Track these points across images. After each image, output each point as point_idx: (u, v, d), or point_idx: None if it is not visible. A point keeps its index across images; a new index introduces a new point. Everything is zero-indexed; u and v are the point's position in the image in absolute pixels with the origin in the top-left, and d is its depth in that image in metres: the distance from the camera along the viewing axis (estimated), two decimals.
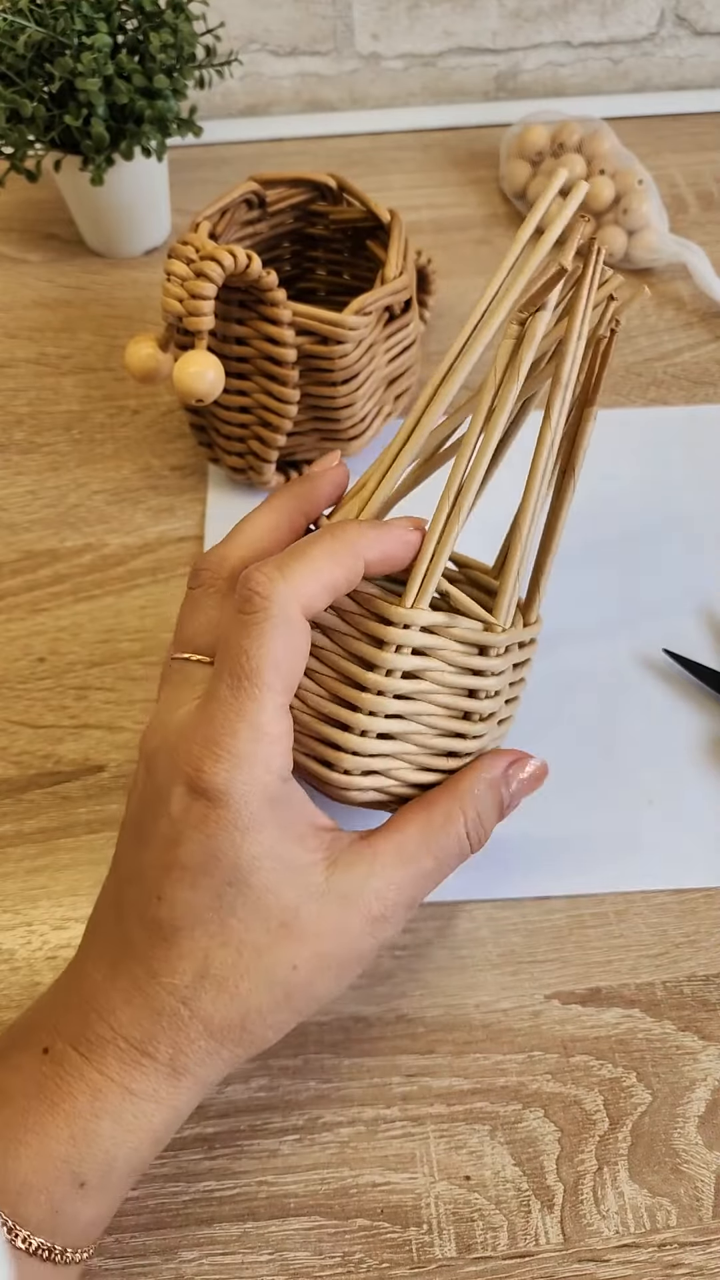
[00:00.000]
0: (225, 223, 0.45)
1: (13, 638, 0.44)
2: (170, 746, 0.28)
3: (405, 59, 0.68)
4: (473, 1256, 0.30)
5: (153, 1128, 0.27)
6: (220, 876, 0.27)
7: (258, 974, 0.27)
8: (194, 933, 0.27)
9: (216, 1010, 0.27)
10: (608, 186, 0.57)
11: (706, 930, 0.36)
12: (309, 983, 0.28)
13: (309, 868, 0.28)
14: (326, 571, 0.28)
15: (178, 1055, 0.27)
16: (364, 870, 0.29)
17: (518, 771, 0.33)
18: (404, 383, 0.48)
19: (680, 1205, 0.31)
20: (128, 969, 0.28)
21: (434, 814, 0.31)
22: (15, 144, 0.51)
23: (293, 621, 0.28)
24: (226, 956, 0.27)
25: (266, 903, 0.27)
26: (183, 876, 0.27)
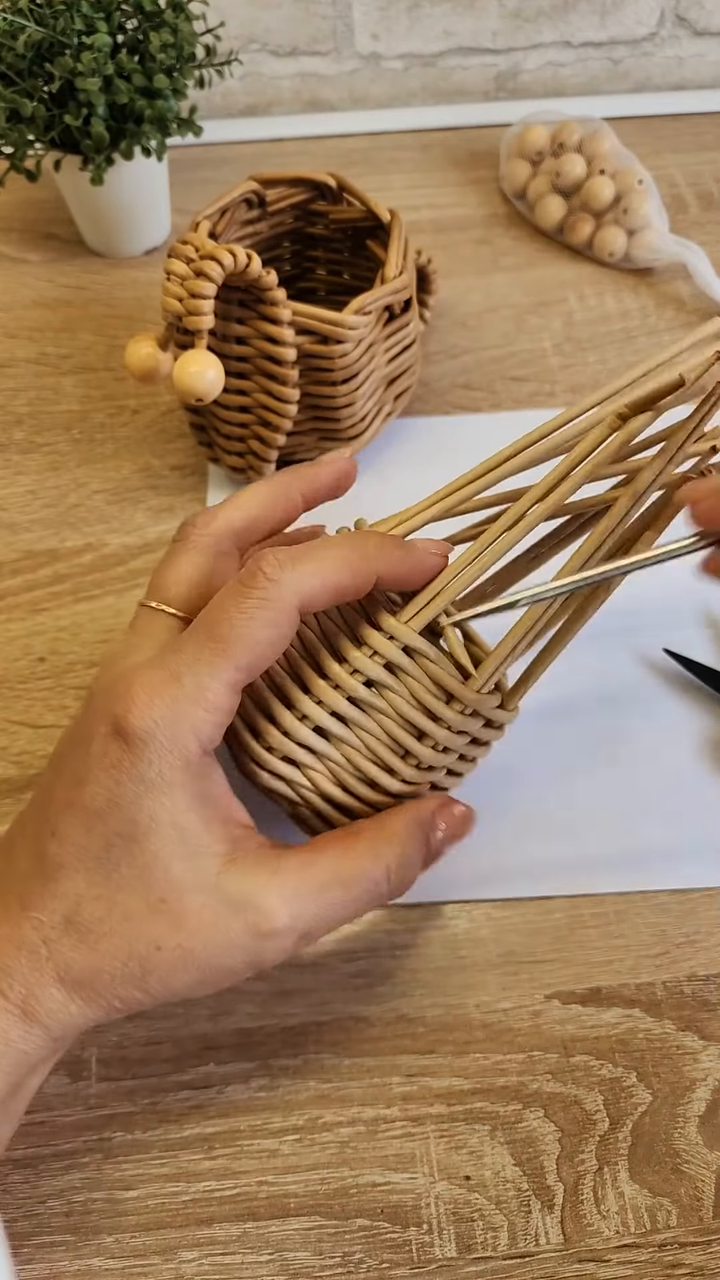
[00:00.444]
0: (225, 222, 0.45)
1: (13, 638, 0.44)
2: (112, 687, 0.28)
3: (405, 59, 0.68)
4: (473, 1256, 0.30)
5: (3, 1069, 0.26)
6: (114, 825, 0.27)
7: (119, 939, 0.27)
8: (74, 876, 0.27)
9: (73, 961, 0.27)
10: (608, 186, 0.57)
11: (706, 930, 0.36)
12: (168, 971, 0.27)
13: (206, 854, 0.27)
14: (334, 576, 0.28)
15: (29, 998, 0.27)
16: (261, 880, 0.28)
17: (445, 815, 0.31)
18: (404, 382, 0.48)
19: (681, 1205, 0.31)
20: (3, 897, 0.28)
21: (356, 846, 0.29)
22: (15, 144, 0.51)
23: (285, 613, 0.28)
24: (97, 910, 0.27)
25: (153, 871, 0.27)
26: (80, 816, 0.27)
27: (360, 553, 0.29)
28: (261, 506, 0.32)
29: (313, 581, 0.28)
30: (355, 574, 0.29)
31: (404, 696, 0.30)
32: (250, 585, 0.28)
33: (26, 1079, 0.28)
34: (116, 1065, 0.34)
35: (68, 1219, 0.31)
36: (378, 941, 0.36)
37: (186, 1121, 0.33)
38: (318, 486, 0.33)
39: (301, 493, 0.32)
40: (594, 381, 0.52)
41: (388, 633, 0.30)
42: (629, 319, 0.55)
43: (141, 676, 0.27)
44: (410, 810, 0.31)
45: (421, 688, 0.30)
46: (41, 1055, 0.27)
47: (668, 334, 0.55)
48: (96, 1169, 0.32)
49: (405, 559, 0.30)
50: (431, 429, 0.51)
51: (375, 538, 0.30)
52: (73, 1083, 0.33)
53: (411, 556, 0.30)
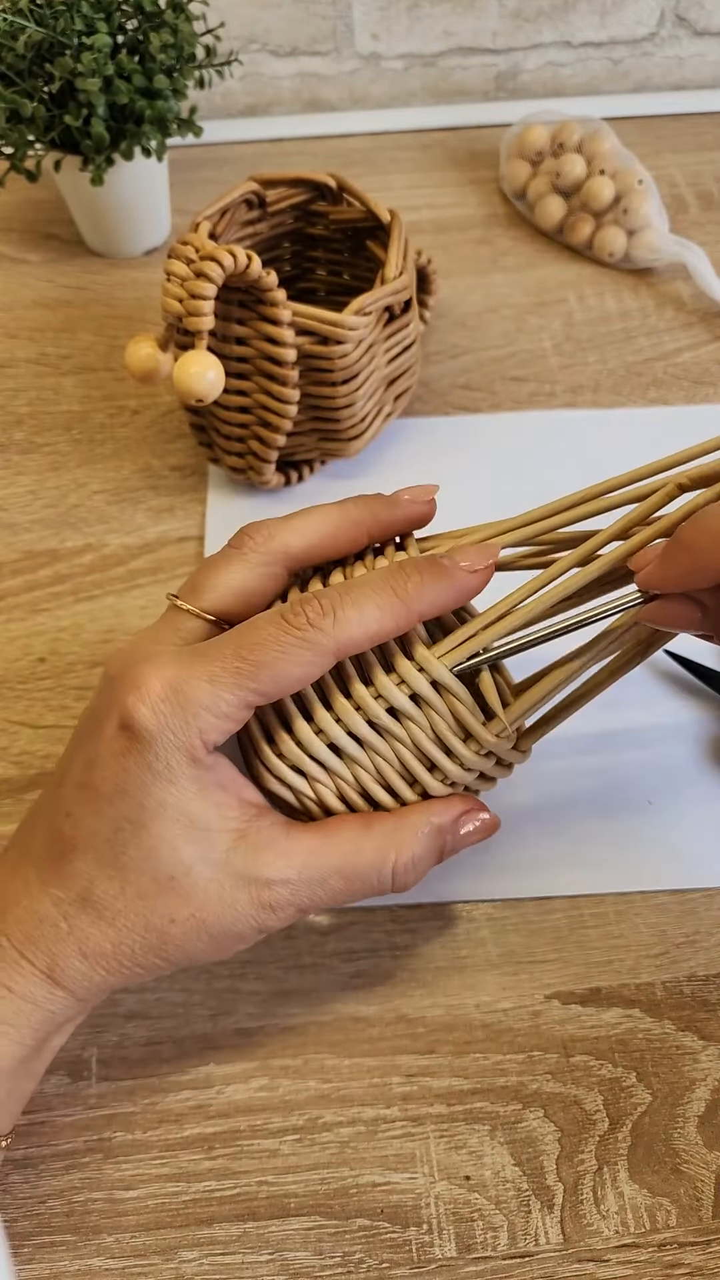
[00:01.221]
0: (225, 223, 0.45)
1: (13, 638, 0.44)
2: (129, 674, 0.28)
3: (405, 59, 0.68)
4: (473, 1256, 0.30)
5: (31, 1025, 0.28)
6: (123, 810, 0.28)
7: (135, 915, 0.28)
8: (87, 856, 0.28)
9: (92, 934, 0.28)
10: (608, 187, 0.57)
11: (706, 930, 0.36)
12: (184, 939, 0.29)
13: (216, 833, 0.28)
14: (376, 625, 0.29)
15: (54, 966, 0.28)
16: (270, 856, 0.29)
17: (467, 822, 0.31)
18: (404, 383, 0.48)
19: (680, 1205, 0.31)
20: (24, 872, 0.29)
21: (367, 839, 0.30)
22: (15, 144, 0.51)
23: (322, 657, 0.28)
24: (110, 888, 0.28)
25: (160, 852, 0.28)
26: (92, 800, 0.28)
27: (402, 597, 0.29)
28: (323, 536, 0.31)
29: (354, 631, 0.28)
30: (397, 620, 0.29)
31: (423, 729, 0.30)
32: (294, 624, 0.28)
33: (51, 1037, 0.29)
34: (117, 1065, 0.34)
35: (68, 1219, 0.31)
36: (378, 941, 0.36)
37: (187, 1121, 0.33)
38: (389, 525, 0.32)
39: (370, 531, 0.32)
40: (594, 382, 0.53)
41: (418, 664, 0.30)
42: (629, 319, 0.55)
43: (160, 671, 0.28)
44: (430, 812, 0.31)
45: (443, 723, 0.30)
46: (68, 1015, 0.29)
47: (668, 334, 0.55)
48: (97, 1169, 0.32)
49: (446, 593, 0.30)
50: (431, 429, 0.51)
51: (416, 575, 0.29)
52: (73, 1083, 0.33)
53: (453, 590, 0.30)
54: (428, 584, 0.29)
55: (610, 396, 0.52)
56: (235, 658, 0.28)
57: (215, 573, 0.31)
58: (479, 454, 0.50)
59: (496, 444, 0.50)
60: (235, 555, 0.31)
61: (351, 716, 0.30)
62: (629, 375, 0.53)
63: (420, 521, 0.33)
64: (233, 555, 0.31)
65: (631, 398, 0.52)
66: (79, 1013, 0.30)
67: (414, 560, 0.30)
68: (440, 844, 0.31)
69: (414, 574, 0.29)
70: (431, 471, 0.49)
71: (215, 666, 0.28)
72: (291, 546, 0.31)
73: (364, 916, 0.36)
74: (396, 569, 0.30)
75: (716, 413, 0.51)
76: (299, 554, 0.31)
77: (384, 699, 0.30)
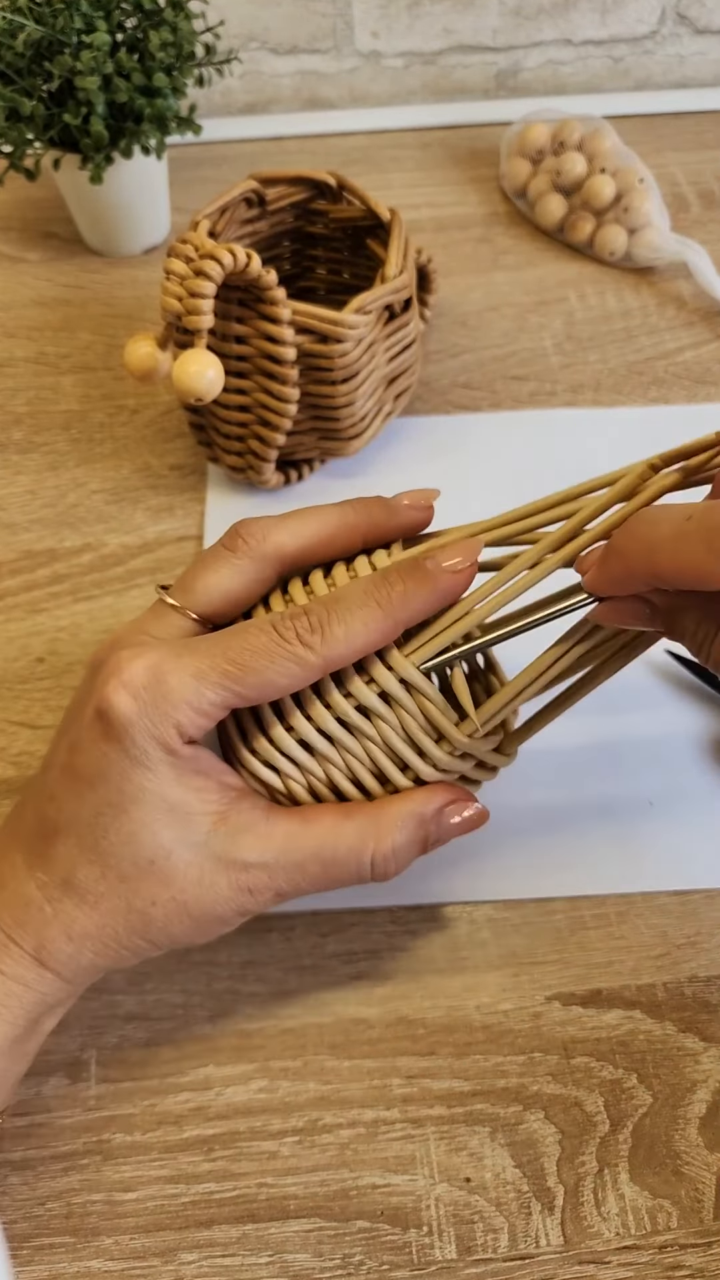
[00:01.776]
0: (225, 221, 0.45)
1: (11, 638, 0.44)
2: (113, 663, 0.29)
3: (405, 57, 0.68)
4: (473, 1258, 0.30)
5: (23, 1006, 0.28)
6: (103, 796, 0.28)
7: (118, 898, 0.28)
8: (69, 840, 0.28)
9: (76, 917, 0.28)
10: (609, 185, 0.56)
11: (708, 931, 0.36)
12: (166, 922, 0.29)
13: (197, 816, 0.29)
14: (362, 640, 0.29)
15: (41, 949, 0.28)
16: (249, 839, 0.29)
17: (453, 812, 0.31)
18: (404, 382, 0.48)
19: (681, 1207, 0.31)
20: (11, 856, 0.29)
21: (346, 825, 0.30)
22: (14, 142, 0.51)
23: (309, 671, 0.29)
24: (92, 872, 0.28)
25: (141, 837, 0.28)
26: (74, 784, 0.29)
27: (388, 610, 0.29)
28: (319, 541, 0.31)
29: (341, 649, 0.29)
30: (383, 633, 0.29)
31: (394, 728, 0.30)
32: (285, 638, 0.29)
33: (43, 1019, 0.30)
34: (116, 1067, 0.34)
35: (67, 1221, 0.31)
36: (378, 943, 0.36)
37: (186, 1123, 0.33)
38: (386, 531, 0.32)
39: (365, 537, 0.32)
40: (595, 381, 0.52)
41: (389, 664, 0.30)
42: (630, 318, 0.55)
43: (144, 658, 0.28)
44: (412, 802, 0.31)
45: (414, 723, 0.30)
46: (59, 997, 0.29)
47: (668, 333, 0.54)
48: (96, 1171, 0.32)
49: (430, 598, 0.30)
50: (431, 429, 0.50)
51: (400, 584, 0.29)
52: (72, 1084, 0.33)
53: (437, 594, 0.30)
54: (412, 591, 0.29)
55: (611, 395, 0.52)
56: (224, 659, 0.28)
57: (207, 574, 0.31)
58: (479, 453, 0.50)
59: (496, 443, 0.50)
60: (228, 557, 0.31)
61: (321, 714, 0.30)
62: (630, 374, 0.53)
63: (417, 528, 0.33)
64: (225, 557, 0.31)
65: (632, 397, 0.52)
66: (69, 994, 0.30)
67: (398, 567, 0.30)
68: (423, 834, 0.31)
69: (398, 582, 0.30)
70: (431, 471, 0.49)
71: (203, 664, 0.28)
72: (285, 549, 0.31)
73: (364, 918, 0.36)
74: (381, 578, 0.30)
75: (717, 412, 0.51)
76: (292, 557, 0.31)
77: (354, 697, 0.30)
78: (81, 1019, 0.34)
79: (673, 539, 0.26)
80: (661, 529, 0.26)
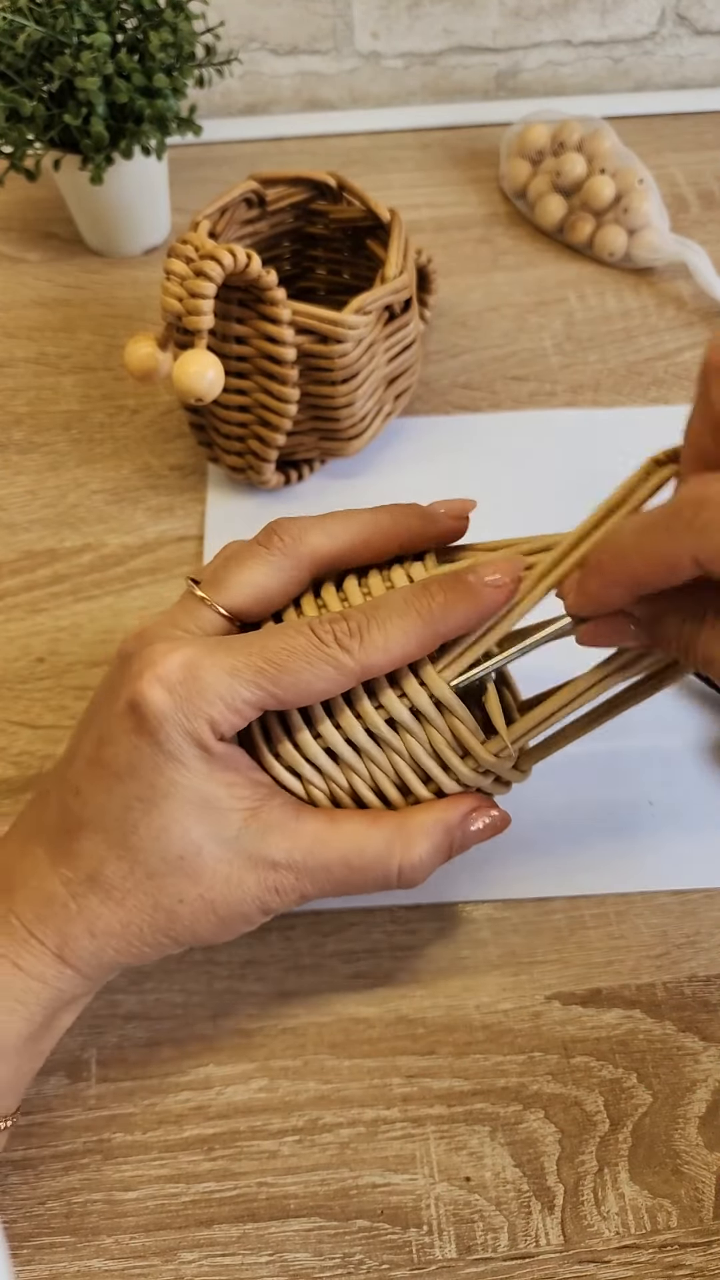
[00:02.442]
0: (225, 222, 0.45)
1: (12, 638, 0.44)
2: (145, 653, 0.29)
3: (405, 58, 0.68)
4: (473, 1258, 0.30)
5: (41, 1003, 0.28)
6: (134, 789, 0.28)
7: (144, 895, 0.28)
8: (95, 836, 0.28)
9: (101, 914, 0.28)
10: (608, 186, 0.57)
11: (707, 931, 0.36)
12: (192, 920, 0.29)
13: (228, 812, 0.29)
14: (400, 649, 0.29)
15: (64, 945, 0.28)
16: (277, 837, 0.29)
17: (476, 819, 0.31)
18: (404, 382, 0.48)
19: (681, 1206, 0.31)
20: (33, 850, 0.29)
21: (375, 831, 0.30)
22: (15, 143, 0.51)
23: (347, 677, 0.29)
24: (120, 868, 0.28)
25: (171, 832, 0.28)
26: (102, 777, 0.28)
27: (428, 620, 0.29)
28: (355, 544, 0.31)
29: (379, 657, 0.29)
30: (422, 644, 0.29)
31: (421, 743, 0.30)
32: (324, 641, 0.28)
33: (60, 1015, 0.29)
34: (116, 1066, 0.34)
35: (67, 1220, 0.31)
36: (378, 942, 0.36)
37: (186, 1123, 0.33)
38: (421, 541, 0.32)
39: (401, 544, 0.32)
40: (595, 381, 0.52)
41: (421, 679, 0.30)
42: (630, 318, 0.55)
43: (180, 652, 0.28)
44: (439, 810, 0.31)
45: (441, 740, 0.30)
46: (76, 993, 0.29)
47: (668, 333, 0.55)
48: (96, 1170, 0.32)
49: (471, 613, 0.29)
50: (431, 429, 0.50)
51: (441, 595, 0.29)
52: (72, 1084, 0.33)
53: (478, 609, 0.29)
54: (453, 604, 0.29)
55: (611, 396, 0.52)
56: (261, 658, 0.28)
57: (241, 570, 0.31)
58: (479, 454, 0.50)
59: (496, 444, 0.50)
60: (263, 554, 0.31)
61: (350, 724, 0.30)
62: (630, 374, 0.53)
63: (453, 537, 0.32)
64: (260, 554, 0.31)
65: (632, 397, 0.52)
66: (87, 991, 0.30)
67: (440, 579, 0.30)
68: (448, 841, 0.31)
69: (439, 594, 0.29)
70: (431, 471, 0.49)
71: (239, 661, 0.28)
72: (321, 551, 0.31)
73: (364, 917, 0.36)
74: (422, 589, 0.29)
75: None
76: (327, 560, 0.31)
77: (385, 710, 0.30)
78: (82, 1018, 0.34)
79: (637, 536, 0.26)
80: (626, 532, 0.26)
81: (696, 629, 0.27)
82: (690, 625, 0.27)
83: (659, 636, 0.28)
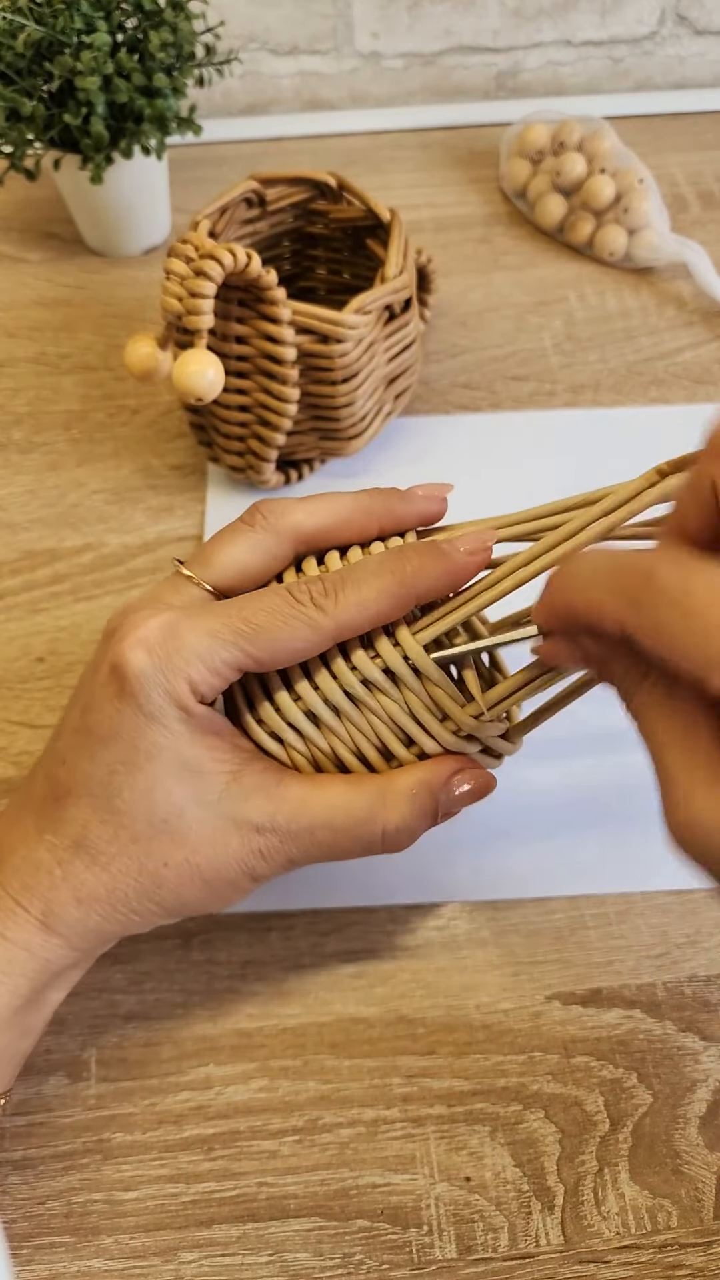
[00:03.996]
0: (225, 221, 0.45)
1: (12, 637, 0.44)
2: (128, 624, 0.29)
3: (405, 58, 0.68)
4: (473, 1258, 0.30)
5: (26, 974, 0.28)
6: (118, 753, 0.28)
7: (129, 859, 0.28)
8: (80, 801, 0.28)
9: (86, 879, 0.28)
10: (608, 185, 0.57)
11: (708, 931, 0.36)
12: (178, 884, 0.29)
13: (210, 775, 0.29)
14: (375, 608, 0.29)
15: (49, 913, 0.28)
16: (260, 799, 0.29)
17: (461, 782, 0.31)
18: (404, 382, 0.48)
19: (681, 1206, 0.31)
20: (22, 820, 0.29)
21: (357, 794, 0.30)
22: (14, 143, 0.51)
23: (323, 636, 0.29)
24: (104, 832, 0.28)
25: (154, 795, 0.28)
26: (86, 743, 0.29)
27: (401, 579, 0.30)
28: (336, 521, 0.32)
29: (354, 614, 0.29)
30: (395, 604, 0.30)
31: (399, 704, 0.30)
32: (300, 602, 0.29)
33: (48, 989, 0.29)
34: (116, 1066, 0.34)
35: (67, 1220, 0.31)
36: (378, 942, 0.36)
37: (186, 1122, 0.33)
38: (402, 519, 0.32)
39: (381, 523, 0.32)
40: (595, 381, 0.52)
41: (396, 642, 0.30)
42: (629, 318, 0.55)
43: (159, 617, 0.29)
44: (422, 772, 0.31)
45: (418, 701, 0.30)
46: (64, 964, 0.29)
47: (668, 333, 0.55)
48: (96, 1170, 0.32)
49: (443, 578, 0.30)
50: (431, 429, 0.50)
51: (415, 559, 0.30)
52: (72, 1084, 0.33)
53: (450, 574, 0.30)
54: (426, 566, 0.30)
55: (611, 395, 0.52)
56: (238, 619, 0.29)
57: (224, 547, 0.31)
58: (479, 453, 0.50)
59: (496, 443, 0.50)
60: (246, 531, 0.31)
61: (329, 684, 0.30)
62: (629, 374, 0.53)
63: (432, 519, 0.33)
64: (243, 531, 0.31)
65: (632, 397, 0.52)
66: (75, 963, 0.30)
67: (413, 545, 0.31)
68: (433, 804, 0.31)
69: (414, 557, 0.30)
70: (431, 471, 0.49)
71: (217, 623, 0.29)
72: (303, 528, 0.31)
73: (364, 917, 0.36)
74: (396, 552, 0.30)
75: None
76: (309, 536, 0.32)
77: (359, 670, 0.30)
78: (81, 1018, 0.34)
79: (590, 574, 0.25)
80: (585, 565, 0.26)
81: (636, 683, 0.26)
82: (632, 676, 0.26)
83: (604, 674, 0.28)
